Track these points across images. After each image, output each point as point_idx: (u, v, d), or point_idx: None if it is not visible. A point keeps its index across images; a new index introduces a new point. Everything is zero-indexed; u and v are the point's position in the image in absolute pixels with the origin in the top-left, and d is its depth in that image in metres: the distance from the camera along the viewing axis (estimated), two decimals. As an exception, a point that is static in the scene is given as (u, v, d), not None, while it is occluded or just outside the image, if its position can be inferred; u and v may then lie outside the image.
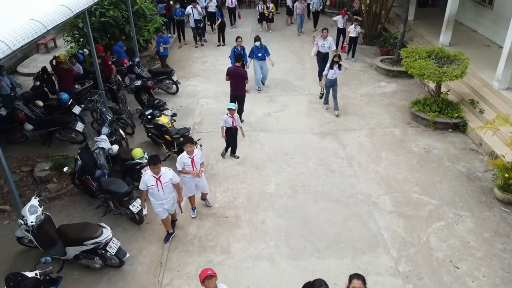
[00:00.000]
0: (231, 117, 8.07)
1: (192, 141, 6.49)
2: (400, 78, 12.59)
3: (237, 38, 11.43)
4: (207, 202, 7.30)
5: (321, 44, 11.56)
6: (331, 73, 10.02)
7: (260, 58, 11.41)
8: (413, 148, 9.02)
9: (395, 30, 15.80)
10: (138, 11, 12.98)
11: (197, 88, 12.26)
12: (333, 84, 10.21)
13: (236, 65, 9.56)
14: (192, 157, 6.49)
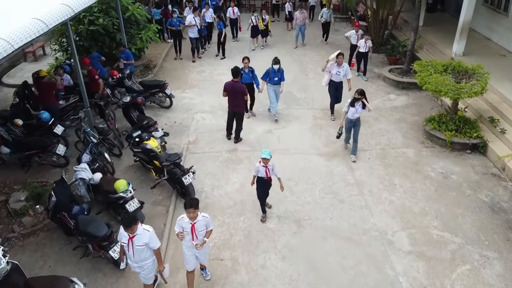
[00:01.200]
0: (264, 166, 6.47)
1: (196, 206, 4.98)
2: (410, 90, 11.74)
3: (244, 58, 9.76)
4: (204, 274, 5.87)
5: (336, 72, 9.73)
6: (352, 112, 8.20)
7: (275, 82, 9.84)
8: (430, 172, 8.17)
9: (403, 37, 14.97)
10: (130, 18, 12.15)
11: (193, 101, 11.41)
12: (354, 124, 8.36)
13: (234, 80, 8.71)
14: (194, 223, 5.07)
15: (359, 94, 8.06)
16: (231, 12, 15.70)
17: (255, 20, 15.00)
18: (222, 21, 14.48)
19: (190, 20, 13.65)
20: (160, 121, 10.24)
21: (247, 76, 9.67)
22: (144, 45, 12.29)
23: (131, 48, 12.12)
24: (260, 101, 10.88)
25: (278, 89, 9.97)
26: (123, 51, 11.39)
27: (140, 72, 13.18)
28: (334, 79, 9.85)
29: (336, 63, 9.71)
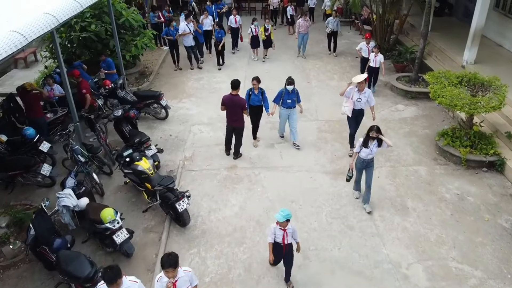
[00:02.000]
0: (282, 229, 5.24)
1: (175, 265, 4.27)
2: (419, 100, 11.13)
3: (253, 79, 8.52)
4: None
5: (357, 99, 8.15)
6: (365, 152, 6.73)
7: (289, 105, 8.60)
8: (444, 194, 7.57)
9: (410, 42, 14.37)
10: (124, 23, 11.54)
11: (190, 112, 10.80)
12: (367, 165, 6.87)
13: (232, 93, 8.11)
14: (175, 281, 4.36)
15: (376, 132, 6.52)
16: (232, 21, 14.37)
17: (255, 29, 13.68)
18: (223, 29, 13.40)
19: (184, 29, 12.76)
20: (154, 134, 9.67)
21: (256, 98, 8.54)
22: (139, 52, 11.68)
23: (126, 55, 11.53)
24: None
25: (293, 113, 8.72)
26: (104, 60, 10.66)
27: (135, 79, 12.58)
28: (354, 107, 8.27)
29: (357, 88, 8.07)
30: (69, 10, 7.25)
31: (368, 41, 11.41)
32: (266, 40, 13.87)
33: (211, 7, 16.12)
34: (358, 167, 6.99)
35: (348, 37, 16.89)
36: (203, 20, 14.09)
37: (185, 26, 12.81)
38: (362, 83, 8.00)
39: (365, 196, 7.18)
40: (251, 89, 8.54)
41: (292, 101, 8.61)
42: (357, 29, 17.60)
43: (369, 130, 6.60)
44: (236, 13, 14.53)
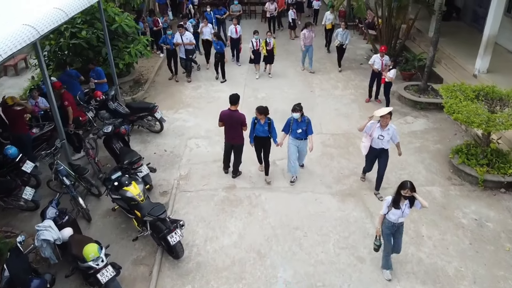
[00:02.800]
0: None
1: None
2: (429, 111, 10.53)
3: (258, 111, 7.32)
4: None
5: (378, 136, 6.87)
6: (396, 214, 5.43)
7: (297, 136, 7.41)
8: (461, 219, 6.97)
9: (417, 48, 13.78)
10: (117, 30, 10.93)
11: (187, 124, 10.19)
12: (397, 230, 5.61)
13: (231, 108, 7.50)
14: None
15: (410, 190, 5.24)
16: (233, 31, 13.19)
17: (256, 43, 12.26)
18: (222, 41, 12.34)
19: (177, 38, 11.93)
20: (148, 150, 9.08)
21: (261, 128, 7.36)
22: (133, 59, 11.07)
23: (119, 64, 10.91)
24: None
25: (303, 146, 7.58)
26: (93, 69, 10.01)
27: (130, 88, 11.97)
28: (374, 145, 6.98)
29: (379, 124, 6.81)
30: (50, 22, 6.60)
31: (382, 55, 10.33)
32: (268, 56, 12.50)
33: (210, 13, 15.06)
34: (386, 233, 5.59)
35: (352, 42, 16.12)
36: (202, 29, 13.22)
37: (178, 36, 11.91)
38: (386, 118, 6.67)
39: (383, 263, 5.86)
40: (257, 120, 7.39)
41: (302, 131, 7.40)
42: (361, 33, 17.00)
43: (401, 187, 5.30)
44: (236, 23, 13.29)
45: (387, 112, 6.68)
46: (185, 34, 11.92)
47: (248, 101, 11.26)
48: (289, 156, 7.68)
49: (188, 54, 12.17)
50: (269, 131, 7.45)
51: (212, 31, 13.32)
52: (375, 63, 10.50)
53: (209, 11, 15.18)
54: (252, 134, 7.52)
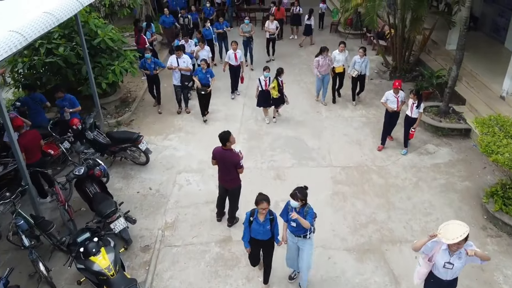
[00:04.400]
0: None
1: None
2: (452, 138, 9.29)
3: (259, 199, 5.00)
4: None
5: (444, 264, 4.48)
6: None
7: (296, 231, 5.19)
8: (503, 285, 5.74)
9: (433, 62, 12.52)
10: (100, 45, 9.69)
11: (177, 154, 8.95)
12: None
13: (224, 147, 6.26)
14: None
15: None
16: (232, 57, 10.85)
17: (266, 82, 9.57)
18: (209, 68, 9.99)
19: (172, 61, 10.02)
20: (131, 187, 7.85)
21: (261, 229, 5.12)
22: (118, 78, 9.81)
23: (102, 83, 9.66)
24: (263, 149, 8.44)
25: (305, 245, 5.26)
26: (62, 98, 8.36)
27: (115, 109, 10.73)
28: (437, 274, 4.58)
29: (447, 247, 4.41)
30: (8, 46, 5.38)
31: (397, 91, 8.40)
32: (278, 98, 9.76)
33: (208, 29, 12.94)
34: None
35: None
36: (197, 52, 11.14)
37: (174, 59, 10.01)
38: (459, 244, 4.25)
39: None
40: (252, 213, 5.15)
41: (297, 226, 5.05)
42: (369, 43, 15.75)
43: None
44: (236, 47, 10.84)
45: (463, 235, 4.14)
46: (183, 57, 10.01)
47: (247, 124, 10.07)
48: (287, 254, 5.62)
49: (184, 81, 10.22)
50: (272, 231, 5.19)
51: (209, 55, 11.47)
52: (388, 101, 8.55)
53: (207, 26, 13.05)
54: (246, 237, 5.28)
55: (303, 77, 12.98)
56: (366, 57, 10.46)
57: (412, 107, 8.25)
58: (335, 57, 10.54)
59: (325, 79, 10.70)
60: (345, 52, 10.55)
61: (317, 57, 10.41)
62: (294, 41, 16.15)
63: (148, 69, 10.11)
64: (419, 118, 8.35)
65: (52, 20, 6.37)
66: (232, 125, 10.02)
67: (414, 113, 8.25)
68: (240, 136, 9.65)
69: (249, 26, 13.03)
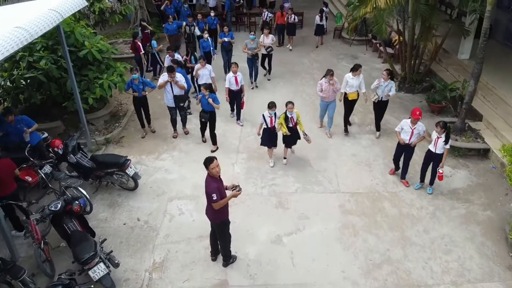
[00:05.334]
0: None
1: None
2: (469, 159, 8.54)
3: None
4: None
5: None
6: None
7: None
8: None
9: (444, 72, 11.78)
10: (87, 57, 8.94)
11: (169, 177, 8.19)
12: None
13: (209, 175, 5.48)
14: None
15: None
16: (232, 81, 9.36)
17: (271, 119, 7.92)
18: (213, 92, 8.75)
19: (163, 79, 8.85)
20: (117, 218, 7.10)
21: None
22: (106, 93, 9.05)
23: (88, 98, 8.90)
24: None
25: None
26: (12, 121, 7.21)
27: (104, 124, 9.96)
28: None
29: None
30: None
31: (414, 122, 7.19)
32: (289, 136, 8.04)
33: (207, 40, 11.86)
34: None
35: (365, 60, 14.23)
36: (197, 71, 9.82)
37: (166, 76, 8.79)
38: None
39: None
40: None
41: None
42: (375, 49, 14.98)
43: None
44: (236, 70, 9.37)
45: None
46: (176, 77, 8.83)
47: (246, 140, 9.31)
48: None
49: (179, 102, 9.05)
50: None
51: (212, 74, 9.81)
52: (403, 131, 7.37)
53: (206, 38, 11.83)
54: None
55: (305, 87, 12.21)
56: (392, 82, 8.74)
57: (436, 142, 7.01)
58: (348, 82, 8.85)
59: (330, 107, 9.09)
60: (359, 76, 8.88)
61: (321, 80, 8.94)
62: (295, 48, 15.34)
63: (136, 90, 8.90)
64: (445, 156, 7.04)
65: (24, 36, 5.60)
66: (230, 142, 9.31)
67: (439, 148, 7.01)
68: (238, 155, 8.90)
69: (255, 42, 11.36)
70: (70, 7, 7.05)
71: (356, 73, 8.83)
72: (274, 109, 7.86)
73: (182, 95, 9.07)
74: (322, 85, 8.87)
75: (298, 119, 8.01)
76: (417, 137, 7.36)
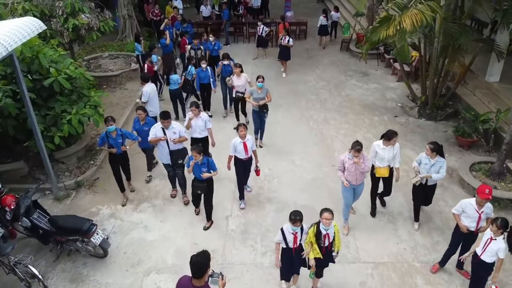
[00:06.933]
0: None
1: None
2: (511, 211, 7.05)
3: None
4: None
5: None
6: None
7: None
8: None
9: (470, 96, 10.27)
10: (52, 86, 7.46)
11: (148, 237, 6.69)
12: None
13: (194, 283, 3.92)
14: None
15: None
16: (240, 148, 6.79)
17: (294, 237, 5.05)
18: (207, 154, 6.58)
19: (156, 133, 6.87)
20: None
21: None
22: (76, 130, 7.54)
23: (54, 137, 7.41)
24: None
25: None
26: None
27: (77, 161, 8.50)
28: None
29: None
30: None
31: (483, 202, 5.24)
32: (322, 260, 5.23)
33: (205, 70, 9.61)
34: None
35: (377, 78, 12.83)
36: (190, 121, 7.45)
37: (159, 129, 6.84)
38: None
39: None
40: None
41: None
42: (388, 65, 13.49)
43: None
44: (245, 133, 6.73)
45: None
46: (172, 127, 6.85)
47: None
48: None
49: (177, 159, 7.02)
50: None
51: (208, 125, 7.53)
52: (465, 215, 5.44)
53: (204, 66, 9.60)
54: None
55: (312, 112, 10.75)
56: (442, 160, 6.14)
57: (487, 245, 5.04)
58: (377, 153, 6.43)
59: (357, 191, 6.41)
60: (394, 147, 6.42)
61: (342, 156, 6.23)
62: (298, 63, 13.83)
63: (113, 145, 6.86)
64: (500, 265, 5.04)
65: None
66: (224, 185, 7.81)
67: (489, 254, 5.04)
68: (234, 205, 7.41)
69: (264, 91, 8.56)
70: (19, 37, 5.57)
71: (389, 143, 6.34)
72: (298, 224, 4.93)
73: (180, 149, 7.02)
74: (345, 162, 6.12)
75: (336, 234, 5.15)
76: (486, 221, 5.45)
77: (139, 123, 7.43)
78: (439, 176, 6.15)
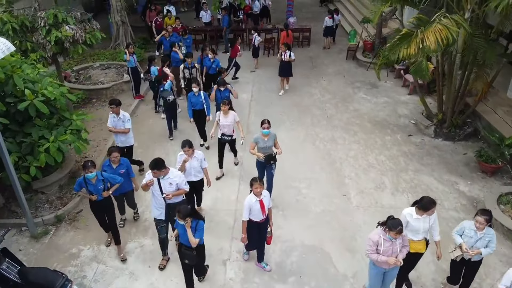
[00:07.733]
0: None
1: None
2: (549, 256, 6.19)
3: None
4: None
5: None
6: None
7: None
8: None
9: (491, 114, 9.39)
10: (27, 111, 6.60)
11: (134, 285, 5.84)
12: None
13: None
14: None
15: None
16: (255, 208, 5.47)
17: None
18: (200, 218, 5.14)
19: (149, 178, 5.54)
20: None
21: None
22: (54, 160, 6.67)
23: (30, 167, 6.55)
24: None
25: None
26: None
27: (60, 190, 7.65)
28: None
29: None
30: None
31: None
32: None
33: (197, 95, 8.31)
34: None
35: (386, 90, 11.96)
36: (184, 164, 6.21)
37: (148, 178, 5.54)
38: None
39: None
40: None
41: None
42: (398, 76, 12.63)
43: None
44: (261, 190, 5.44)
45: None
46: (171, 175, 5.60)
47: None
48: None
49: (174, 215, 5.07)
50: None
51: (204, 165, 6.46)
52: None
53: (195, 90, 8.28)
54: None
55: (317, 130, 9.90)
56: (492, 230, 5.03)
57: None
58: (409, 223, 5.10)
59: (388, 276, 5.10)
60: (432, 217, 5.11)
61: (372, 235, 4.85)
62: (301, 73, 12.96)
63: (94, 192, 5.79)
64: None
65: None
66: (223, 220, 6.97)
67: None
68: (233, 245, 6.55)
69: (271, 138, 6.81)
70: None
71: (424, 213, 5.03)
72: None
73: (177, 202, 5.64)
74: (379, 244, 4.77)
75: None
76: None
77: (111, 166, 6.19)
78: (488, 252, 4.99)
